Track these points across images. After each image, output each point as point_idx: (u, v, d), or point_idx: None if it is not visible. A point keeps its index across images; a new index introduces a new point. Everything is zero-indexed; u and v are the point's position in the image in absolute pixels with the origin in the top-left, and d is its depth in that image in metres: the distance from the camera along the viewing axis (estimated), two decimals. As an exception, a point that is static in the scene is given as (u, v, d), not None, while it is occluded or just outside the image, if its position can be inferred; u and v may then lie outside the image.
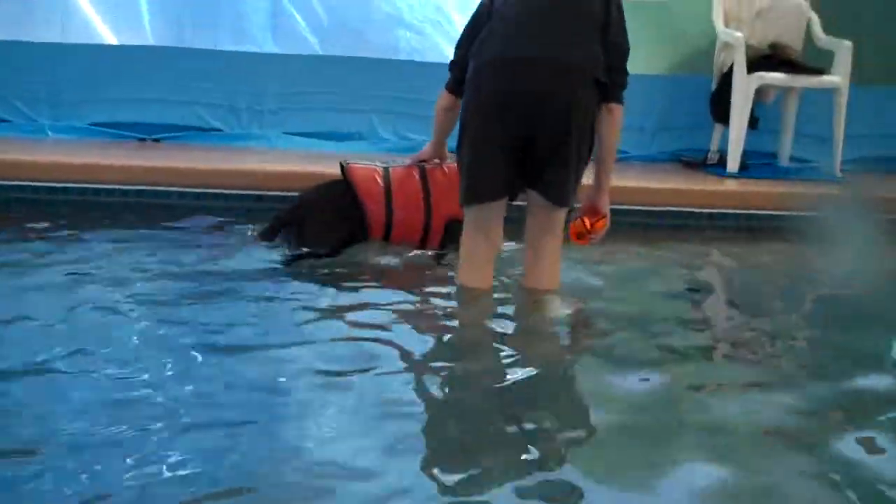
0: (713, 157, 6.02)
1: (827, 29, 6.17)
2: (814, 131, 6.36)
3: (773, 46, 5.96)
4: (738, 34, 5.82)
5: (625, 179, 4.75)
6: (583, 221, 3.62)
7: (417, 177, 4.06)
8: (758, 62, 5.84)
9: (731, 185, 5.61)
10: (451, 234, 3.90)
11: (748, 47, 5.80)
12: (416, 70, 6.16)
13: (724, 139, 5.98)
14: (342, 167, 4.10)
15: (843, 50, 5.94)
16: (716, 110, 6.01)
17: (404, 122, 6.21)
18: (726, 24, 6.03)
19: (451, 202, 3.66)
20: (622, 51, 3.40)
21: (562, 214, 3.45)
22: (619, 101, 3.42)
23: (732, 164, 5.82)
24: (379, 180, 4.06)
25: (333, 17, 6.38)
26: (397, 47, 6.48)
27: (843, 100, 5.93)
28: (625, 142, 4.39)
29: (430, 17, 6.49)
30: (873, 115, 6.58)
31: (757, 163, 6.09)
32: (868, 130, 6.56)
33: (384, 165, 4.15)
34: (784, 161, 6.26)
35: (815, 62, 6.04)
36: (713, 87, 6.08)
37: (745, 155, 5.90)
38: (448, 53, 3.66)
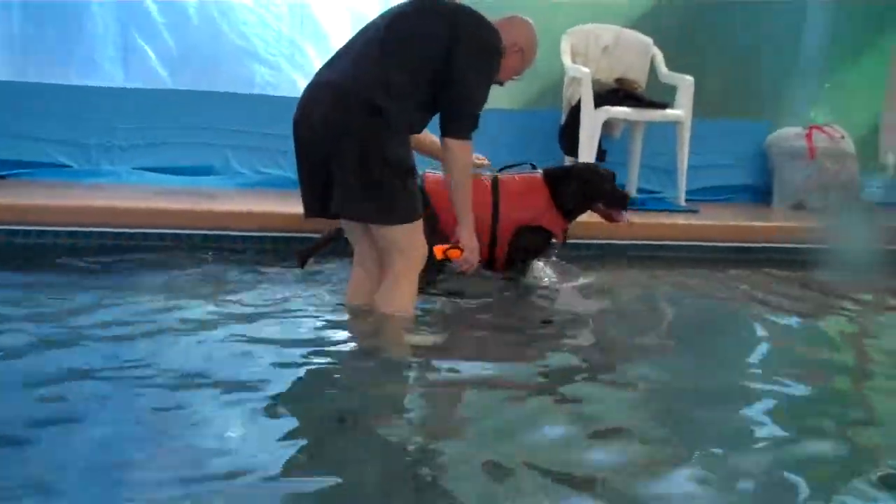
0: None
1: (670, 64, 6.42)
2: (659, 163, 6.62)
3: (620, 81, 6.16)
4: (586, 69, 6.00)
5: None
6: (435, 249, 3.70)
7: (488, 184, 4.26)
8: (604, 96, 6.02)
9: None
10: (518, 242, 4.23)
11: (595, 82, 5.98)
12: (271, 104, 6.14)
13: (575, 171, 6.11)
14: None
15: (685, 84, 6.19)
16: (565, 143, 6.16)
17: (259, 156, 6.18)
18: (573, 60, 6.21)
19: (521, 210, 4.10)
20: (463, 89, 3.45)
21: (385, 233, 3.49)
22: (455, 135, 3.48)
23: (582, 196, 5.96)
24: None
25: (185, 51, 6.32)
26: (252, 81, 6.46)
27: (685, 132, 6.17)
28: (476, 175, 4.46)
29: (285, 51, 6.50)
30: (715, 147, 6.87)
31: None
32: (710, 161, 6.86)
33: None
34: (631, 192, 6.44)
35: (659, 96, 6.28)
36: (562, 120, 6.24)
37: (595, 186, 6.06)
38: (302, 87, 3.68)
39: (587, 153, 5.94)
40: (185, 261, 4.48)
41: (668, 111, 6.15)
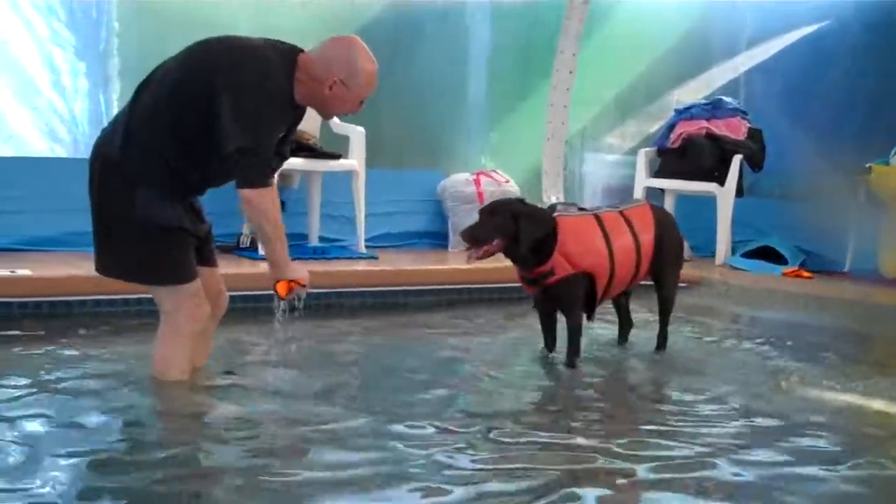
0: (245, 241, 6.12)
1: (345, 117, 6.54)
2: (339, 211, 6.72)
3: (293, 133, 6.21)
4: (260, 122, 5.99)
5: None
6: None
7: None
8: (279, 149, 6.05)
9: (264, 267, 5.67)
10: None
11: (270, 135, 5.99)
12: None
13: (257, 223, 6.07)
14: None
15: (357, 135, 6.36)
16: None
17: None
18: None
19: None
20: (230, 141, 3.29)
21: (151, 292, 3.54)
22: (244, 185, 3.36)
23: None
24: None
25: None
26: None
27: (360, 181, 6.34)
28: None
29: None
30: (392, 195, 7.09)
31: (288, 244, 6.27)
32: (388, 209, 7.06)
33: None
34: (313, 241, 6.51)
35: (333, 147, 6.41)
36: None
37: (276, 237, 6.06)
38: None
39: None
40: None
41: (343, 161, 6.30)
